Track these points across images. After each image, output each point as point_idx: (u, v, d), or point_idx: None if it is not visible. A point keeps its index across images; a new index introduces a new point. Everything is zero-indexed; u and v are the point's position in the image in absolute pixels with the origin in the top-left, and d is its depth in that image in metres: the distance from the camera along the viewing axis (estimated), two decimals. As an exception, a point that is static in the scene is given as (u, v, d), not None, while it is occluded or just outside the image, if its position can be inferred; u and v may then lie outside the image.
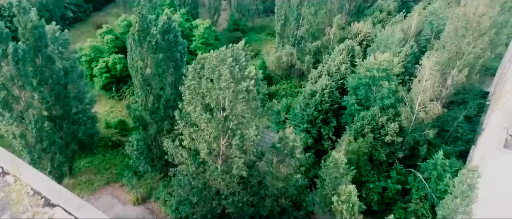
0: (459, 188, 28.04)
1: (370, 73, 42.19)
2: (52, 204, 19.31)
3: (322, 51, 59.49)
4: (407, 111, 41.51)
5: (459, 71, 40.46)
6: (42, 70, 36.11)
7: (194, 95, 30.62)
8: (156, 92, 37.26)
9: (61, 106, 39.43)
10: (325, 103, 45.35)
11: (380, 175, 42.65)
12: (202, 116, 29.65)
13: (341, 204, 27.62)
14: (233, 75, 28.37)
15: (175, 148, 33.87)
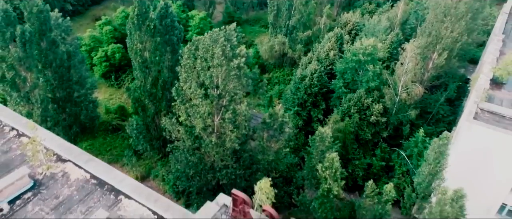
0: (432, 155, 30.67)
1: (356, 57, 44.75)
2: (63, 159, 21.72)
3: (313, 40, 62.02)
4: (391, 92, 44.17)
5: (439, 54, 43.08)
6: (46, 53, 38.39)
7: (189, 74, 33.07)
8: (154, 74, 39.66)
9: (64, 89, 41.74)
10: (314, 87, 47.89)
11: (366, 153, 45.29)
12: (197, 91, 32.08)
13: (325, 170, 30.11)
14: (225, 53, 30.84)
15: (172, 124, 36.35)
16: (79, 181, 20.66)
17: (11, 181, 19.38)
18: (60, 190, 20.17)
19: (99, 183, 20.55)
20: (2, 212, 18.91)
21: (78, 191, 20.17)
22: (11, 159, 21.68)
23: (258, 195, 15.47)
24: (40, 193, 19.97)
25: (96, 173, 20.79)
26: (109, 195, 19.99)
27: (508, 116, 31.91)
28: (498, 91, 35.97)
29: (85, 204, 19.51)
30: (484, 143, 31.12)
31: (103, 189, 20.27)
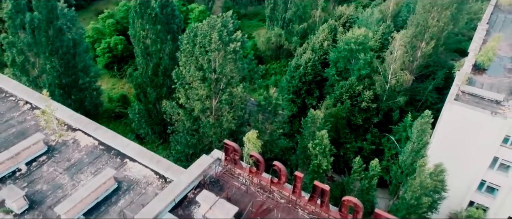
0: (415, 133, 32.85)
1: (348, 46, 46.91)
2: (74, 128, 23.90)
3: (308, 32, 64.12)
4: (381, 79, 46.34)
5: (426, 43, 45.22)
6: (53, 41, 40.51)
7: (188, 58, 35.24)
8: (155, 60, 41.82)
9: (69, 76, 43.86)
10: (308, 76, 50.07)
11: (357, 138, 47.45)
12: (195, 74, 34.23)
13: (315, 147, 32.25)
14: (222, 38, 33.04)
15: (172, 107, 38.54)
16: (88, 147, 22.87)
17: (27, 145, 21.59)
18: (72, 154, 22.37)
19: (107, 148, 22.76)
20: (20, 171, 21.12)
21: (88, 155, 22.38)
22: (26, 128, 23.89)
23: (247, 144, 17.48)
24: (54, 157, 22.17)
25: (104, 140, 23.00)
26: (115, 158, 22.18)
27: (487, 97, 33.98)
28: (480, 76, 38.04)
29: (94, 166, 21.71)
30: (464, 122, 33.22)
31: (110, 153, 22.47)
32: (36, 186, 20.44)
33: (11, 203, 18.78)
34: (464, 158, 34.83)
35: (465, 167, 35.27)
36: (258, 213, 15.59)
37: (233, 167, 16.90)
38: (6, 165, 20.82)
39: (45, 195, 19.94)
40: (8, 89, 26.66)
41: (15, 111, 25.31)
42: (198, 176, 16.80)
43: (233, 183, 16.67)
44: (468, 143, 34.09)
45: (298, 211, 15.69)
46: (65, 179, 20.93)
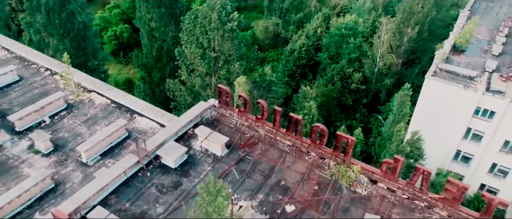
0: (396, 105, 36.16)
1: (339, 31, 50.22)
2: (89, 90, 27.36)
3: (304, 21, 67.39)
4: (369, 62, 49.63)
5: (412, 29, 48.49)
6: (66, 23, 43.97)
7: (190, 37, 38.68)
8: (159, 42, 45.30)
9: (80, 57, 47.31)
10: (302, 60, 53.42)
11: (347, 117, 50.77)
12: (196, 51, 37.66)
13: (304, 116, 35.60)
14: (221, 18, 36.47)
15: (175, 84, 42.00)
16: (102, 105, 26.33)
17: (50, 101, 25.07)
18: (88, 110, 25.85)
19: (118, 105, 26.21)
20: (45, 123, 24.59)
21: (102, 111, 25.85)
22: (48, 89, 27.39)
23: (237, 88, 20.81)
24: (72, 112, 25.66)
25: (115, 98, 26.46)
26: (125, 113, 25.62)
27: (462, 74, 37.24)
28: (458, 56, 41.28)
29: (107, 119, 25.16)
30: (440, 95, 36.50)
31: (121, 110, 25.93)
32: (59, 134, 23.91)
33: (39, 144, 22.26)
34: (441, 129, 38.11)
35: (442, 138, 38.55)
36: (246, 145, 19.02)
37: (226, 109, 20.31)
38: (33, 116, 24.30)
39: (67, 141, 23.42)
40: (31, 58, 30.16)
41: (37, 76, 28.82)
42: (196, 117, 20.21)
43: (225, 123, 20.11)
44: (445, 115, 37.36)
45: (278, 141, 19.12)
46: (83, 129, 24.40)
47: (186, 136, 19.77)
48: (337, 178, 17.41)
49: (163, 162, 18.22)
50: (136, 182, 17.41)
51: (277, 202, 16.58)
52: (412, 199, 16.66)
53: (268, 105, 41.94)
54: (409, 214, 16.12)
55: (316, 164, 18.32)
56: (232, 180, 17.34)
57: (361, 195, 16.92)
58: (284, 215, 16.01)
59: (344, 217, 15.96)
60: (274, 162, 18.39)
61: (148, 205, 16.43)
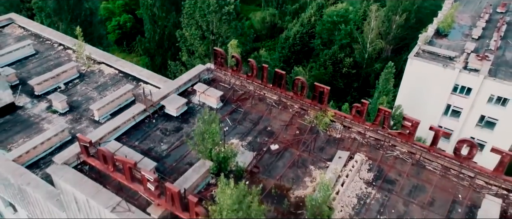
0: (381, 82, 39.06)
1: (331, 18, 53.14)
2: (99, 61, 30.30)
3: (300, 12, 70.30)
4: (360, 47, 52.54)
5: (399, 16, 51.40)
6: (73, 8, 47.00)
7: (190, 20, 41.63)
8: (161, 27, 48.24)
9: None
10: (297, 46, 56.34)
11: (339, 101, 53.67)
12: (195, 32, 40.61)
13: (295, 93, 38.55)
14: (219, 1, 39.41)
15: (176, 65, 44.95)
16: (111, 74, 29.28)
17: (65, 69, 28.02)
18: (98, 79, 28.80)
19: (125, 75, 29.14)
20: (60, 88, 27.51)
21: (111, 79, 28.79)
22: (61, 61, 30.35)
23: (230, 50, 23.70)
24: (84, 80, 28.61)
25: (122, 69, 29.39)
26: (132, 81, 28.54)
27: (443, 54, 40.13)
28: (441, 40, 44.17)
29: (116, 86, 28.09)
30: (422, 74, 39.40)
31: (128, 78, 28.86)
32: (73, 97, 26.86)
33: (57, 104, 25.22)
34: (424, 107, 40.99)
35: (425, 115, 41.24)
36: (238, 99, 21.99)
37: (221, 70, 23.25)
38: (49, 82, 27.26)
39: (80, 103, 26.37)
40: (45, 35, 33.12)
41: (51, 50, 31.80)
42: (194, 76, 23.13)
43: (220, 81, 23.11)
44: (427, 93, 40.26)
45: (266, 97, 22.10)
46: (94, 94, 27.35)
47: (186, 92, 22.68)
48: (315, 124, 20.31)
49: (166, 112, 21.16)
50: (143, 126, 20.33)
51: (263, 142, 19.49)
52: (378, 140, 19.55)
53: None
54: (374, 151, 19.03)
55: (298, 114, 21.26)
56: (225, 126, 20.25)
57: (335, 137, 19.85)
58: (269, 152, 18.93)
59: (319, 154, 18.88)
60: (262, 113, 21.33)
61: (154, 143, 19.36)
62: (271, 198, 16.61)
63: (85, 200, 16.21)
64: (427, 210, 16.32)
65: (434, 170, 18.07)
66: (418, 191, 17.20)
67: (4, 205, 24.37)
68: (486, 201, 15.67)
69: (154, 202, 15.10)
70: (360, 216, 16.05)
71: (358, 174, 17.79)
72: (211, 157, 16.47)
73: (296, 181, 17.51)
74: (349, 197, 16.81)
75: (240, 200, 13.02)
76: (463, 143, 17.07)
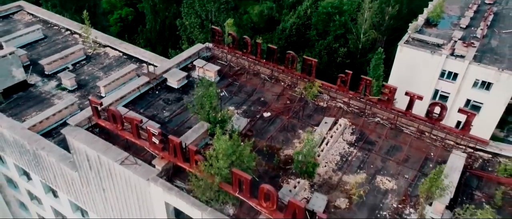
0: (371, 68, 40.94)
1: (326, 10, 55.02)
2: (104, 45, 32.19)
3: (297, 5, 72.12)
4: (354, 37, 54.43)
5: (392, 7, 53.28)
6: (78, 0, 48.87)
7: (189, 9, 43.50)
8: (162, 18, 50.11)
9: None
10: (293, 37, 58.21)
11: (333, 89, 55.58)
12: (195, 20, 42.49)
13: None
14: (217, -9, 41.36)
15: (176, 54, 46.77)
16: (115, 57, 31.17)
17: (72, 51, 29.92)
18: (104, 60, 30.70)
19: (129, 57, 31.03)
20: (69, 69, 29.40)
21: (115, 61, 30.69)
22: (69, 44, 32.22)
23: (226, 28, 25.65)
24: (91, 62, 30.51)
25: (126, 51, 31.28)
26: (135, 62, 30.43)
27: (431, 42, 42.01)
28: (430, 29, 46.04)
29: (120, 67, 29.96)
30: (411, 60, 41.27)
31: (132, 60, 30.75)
32: (81, 76, 28.76)
33: (66, 81, 27.13)
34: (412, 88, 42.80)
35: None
36: (234, 74, 23.91)
37: (218, 47, 25.16)
38: (58, 63, 29.15)
39: (88, 81, 28.28)
40: (53, 21, 35.01)
41: (59, 35, 33.69)
42: (194, 54, 25.04)
43: (218, 59, 25.04)
44: (416, 79, 42.11)
45: (260, 70, 24.02)
46: (100, 73, 29.25)
47: (187, 68, 24.57)
48: (304, 95, 22.21)
49: (168, 84, 23.06)
50: (147, 97, 22.23)
51: (257, 111, 21.39)
52: (361, 109, 21.44)
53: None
54: (357, 118, 20.92)
55: (289, 87, 23.18)
56: (222, 98, 22.14)
57: (322, 106, 21.76)
58: (261, 119, 20.83)
59: (307, 120, 20.79)
60: (256, 86, 23.25)
61: (157, 111, 21.25)
62: (263, 156, 18.53)
63: (96, 157, 18.13)
64: (402, 165, 18.26)
65: (410, 133, 19.99)
66: (395, 150, 19.13)
67: (19, 174, 26.31)
68: (452, 156, 17.60)
69: (158, 155, 17.01)
70: (342, 171, 17.98)
71: (342, 136, 19.71)
72: (209, 119, 18.37)
73: (285, 142, 19.43)
74: (333, 155, 18.74)
75: (234, 149, 14.94)
76: (435, 105, 18.98)
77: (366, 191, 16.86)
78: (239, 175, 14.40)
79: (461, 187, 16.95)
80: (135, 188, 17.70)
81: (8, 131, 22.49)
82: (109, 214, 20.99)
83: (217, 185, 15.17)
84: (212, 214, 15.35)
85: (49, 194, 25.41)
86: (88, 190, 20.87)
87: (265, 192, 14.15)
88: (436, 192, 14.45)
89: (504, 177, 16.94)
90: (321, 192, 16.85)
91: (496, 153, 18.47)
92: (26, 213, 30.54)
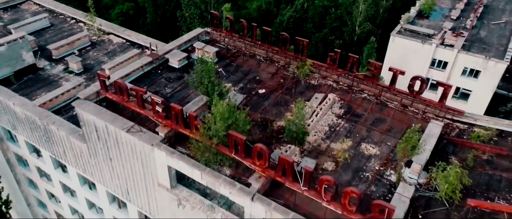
0: (364, 56, 42.52)
1: (322, 3, 56.59)
2: (108, 32, 33.76)
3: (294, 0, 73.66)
4: (349, 30, 56.03)
5: (386, 0, 54.87)
6: (82, -8, 50.34)
7: (189, 1, 45.07)
8: (162, 10, 51.66)
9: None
10: (290, 30, 59.71)
11: (329, 80, 57.20)
12: (194, 11, 44.06)
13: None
14: (216, -17, 42.94)
15: (177, 45, 48.37)
16: (119, 43, 32.75)
17: (78, 37, 31.51)
18: (108, 47, 32.29)
19: (132, 43, 32.61)
20: (75, 54, 30.99)
21: (119, 47, 32.27)
22: (74, 32, 33.80)
23: (224, 12, 27.19)
24: (95, 48, 32.11)
25: (129, 38, 32.86)
26: (137, 48, 31.99)
27: (422, 32, 43.61)
28: (422, 20, 47.62)
29: (124, 52, 31.55)
30: (403, 50, 42.86)
31: (134, 46, 32.33)
32: (87, 61, 30.37)
33: (72, 65, 28.73)
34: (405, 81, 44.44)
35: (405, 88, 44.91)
36: (232, 55, 25.54)
37: (216, 31, 26.77)
38: (65, 48, 30.75)
39: (93, 65, 29.88)
40: (58, 10, 36.59)
41: (65, 23, 35.28)
42: (194, 37, 26.64)
43: (216, 42, 26.66)
44: (408, 68, 43.53)
45: (256, 52, 25.63)
46: (105, 58, 30.86)
47: (187, 51, 26.15)
48: (296, 74, 23.81)
49: (169, 64, 24.65)
50: (150, 75, 23.81)
51: (252, 88, 22.99)
52: (349, 86, 23.03)
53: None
54: (346, 94, 22.51)
55: (283, 67, 24.79)
56: (220, 76, 23.74)
57: (313, 84, 23.37)
58: (257, 95, 22.43)
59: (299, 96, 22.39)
60: (252, 66, 24.86)
61: (160, 88, 22.83)
62: (258, 126, 20.14)
63: (104, 126, 19.72)
64: (385, 134, 19.87)
65: (394, 107, 21.61)
66: (379, 122, 20.75)
67: (29, 151, 27.91)
68: (430, 124, 19.22)
69: (161, 123, 18.61)
70: (330, 139, 19.59)
71: (331, 109, 21.32)
72: (208, 92, 19.95)
73: (278, 115, 21.04)
74: (322, 126, 20.35)
75: (230, 114, 16.55)
76: (415, 79, 20.60)
77: (351, 155, 18.46)
78: (235, 136, 15.99)
79: (438, 152, 18.55)
80: (140, 155, 19.30)
81: (20, 108, 24.08)
82: (115, 183, 22.59)
83: (215, 147, 16.77)
84: (210, 174, 16.95)
85: (58, 169, 27.01)
86: (96, 161, 22.46)
87: (258, 150, 15.75)
88: (411, 151, 16.04)
89: (476, 143, 18.54)
90: (310, 157, 18.44)
91: (471, 123, 20.09)
92: (35, 191, 32.14)
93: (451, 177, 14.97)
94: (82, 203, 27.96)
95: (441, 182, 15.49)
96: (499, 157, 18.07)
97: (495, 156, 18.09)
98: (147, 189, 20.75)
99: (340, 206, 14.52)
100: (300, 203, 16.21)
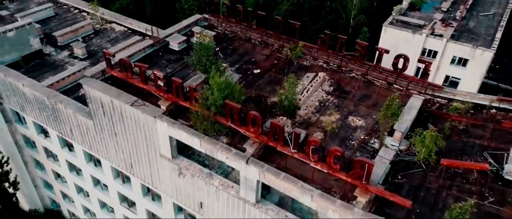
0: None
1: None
2: (110, 21, 35.21)
3: (291, -5, 75.12)
4: (344, 22, 57.54)
5: (380, -7, 56.42)
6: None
7: (189, -7, 46.56)
8: (161, 3, 53.05)
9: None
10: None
11: (325, 72, 58.76)
12: (193, 3, 45.49)
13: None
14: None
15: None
16: (121, 31, 34.21)
17: (81, 25, 32.97)
18: (110, 34, 33.76)
19: (133, 31, 34.06)
20: (79, 41, 32.44)
21: (121, 35, 33.74)
22: (78, 21, 35.23)
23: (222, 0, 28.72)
24: (98, 35, 33.57)
25: (131, 26, 34.32)
26: (138, 36, 33.43)
27: (413, 23, 45.18)
28: (414, 12, 49.20)
29: (125, 39, 33.00)
30: (395, 40, 44.39)
31: (136, 34, 33.78)
32: (90, 47, 31.82)
33: (77, 50, 30.20)
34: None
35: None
36: (229, 39, 27.06)
37: (214, 17, 28.28)
38: (69, 35, 32.21)
39: (97, 51, 31.34)
40: (62, 0, 38.02)
41: (69, 13, 36.72)
42: (192, 22, 28.17)
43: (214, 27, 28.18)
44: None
45: (251, 37, 27.16)
46: (108, 45, 32.32)
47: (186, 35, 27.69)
48: (289, 57, 25.35)
49: (170, 47, 26.16)
50: (152, 57, 25.32)
51: (248, 68, 24.51)
52: (339, 67, 24.56)
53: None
54: (335, 74, 24.05)
55: (276, 50, 26.33)
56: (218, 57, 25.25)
57: (305, 65, 24.90)
58: (252, 75, 23.95)
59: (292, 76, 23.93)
60: (247, 49, 26.38)
61: (161, 68, 24.32)
62: (253, 101, 21.66)
63: (109, 101, 21.22)
64: (371, 109, 21.41)
65: (380, 85, 23.16)
66: (366, 98, 22.29)
67: (37, 132, 29.38)
68: (412, 98, 20.79)
69: (163, 97, 20.11)
70: (320, 113, 21.12)
71: (321, 87, 22.86)
72: (206, 70, 21.45)
73: (272, 92, 22.56)
74: (312, 101, 21.88)
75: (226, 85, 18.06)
76: (399, 57, 22.14)
77: (338, 126, 20.00)
78: (231, 105, 17.51)
79: (419, 124, 20.09)
80: (144, 127, 20.80)
81: (29, 88, 25.56)
82: (119, 158, 24.09)
83: (213, 116, 18.29)
84: (208, 141, 18.47)
85: (65, 148, 28.49)
86: (101, 136, 23.95)
87: (252, 117, 17.27)
88: (392, 118, 17.58)
89: (454, 115, 20.11)
90: (301, 128, 19.97)
91: (450, 97, 21.65)
92: (42, 172, 33.61)
93: (427, 140, 16.49)
94: (87, 180, 29.44)
95: (419, 145, 17.02)
96: (474, 126, 19.63)
97: (470, 126, 19.65)
98: (150, 161, 22.24)
99: (326, 165, 16.05)
100: (291, 166, 17.74)
